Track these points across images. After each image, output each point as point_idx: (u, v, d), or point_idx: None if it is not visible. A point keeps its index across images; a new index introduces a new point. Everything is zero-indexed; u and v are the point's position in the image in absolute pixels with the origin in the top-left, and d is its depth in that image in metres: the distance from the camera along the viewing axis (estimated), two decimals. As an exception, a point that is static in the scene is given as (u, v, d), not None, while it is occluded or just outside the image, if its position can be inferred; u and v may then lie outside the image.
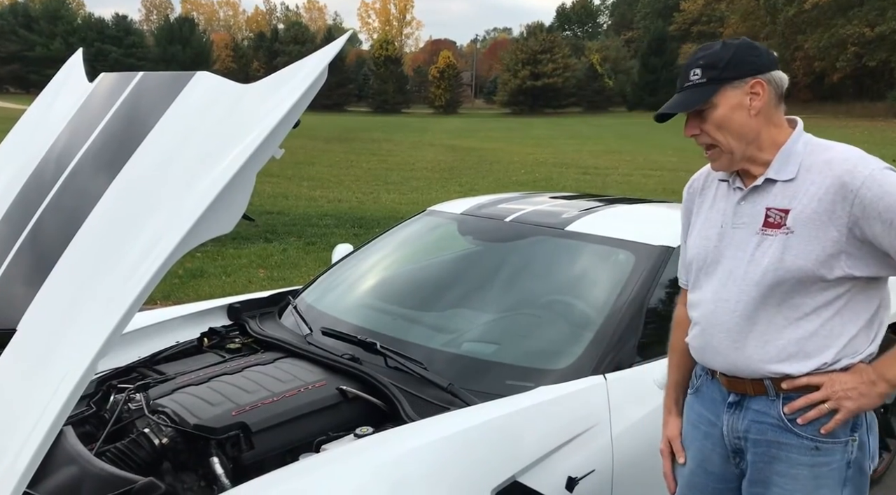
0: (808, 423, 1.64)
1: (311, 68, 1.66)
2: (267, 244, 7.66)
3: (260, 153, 1.60)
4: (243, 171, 1.57)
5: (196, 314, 2.87)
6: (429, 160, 18.80)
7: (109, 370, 2.45)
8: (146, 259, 1.51)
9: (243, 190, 1.60)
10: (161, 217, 1.58)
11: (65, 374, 1.47)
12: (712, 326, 1.72)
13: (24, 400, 1.51)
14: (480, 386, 2.24)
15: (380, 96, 64.48)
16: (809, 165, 1.63)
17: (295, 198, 11.19)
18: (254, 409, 2.07)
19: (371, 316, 2.74)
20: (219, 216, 1.57)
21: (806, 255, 1.59)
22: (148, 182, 1.68)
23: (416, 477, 1.84)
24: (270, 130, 1.60)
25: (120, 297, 1.48)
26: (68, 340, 1.52)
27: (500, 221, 2.98)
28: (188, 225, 1.51)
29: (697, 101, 1.64)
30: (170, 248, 1.50)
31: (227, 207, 1.58)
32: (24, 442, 1.46)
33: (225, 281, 6.21)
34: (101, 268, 1.60)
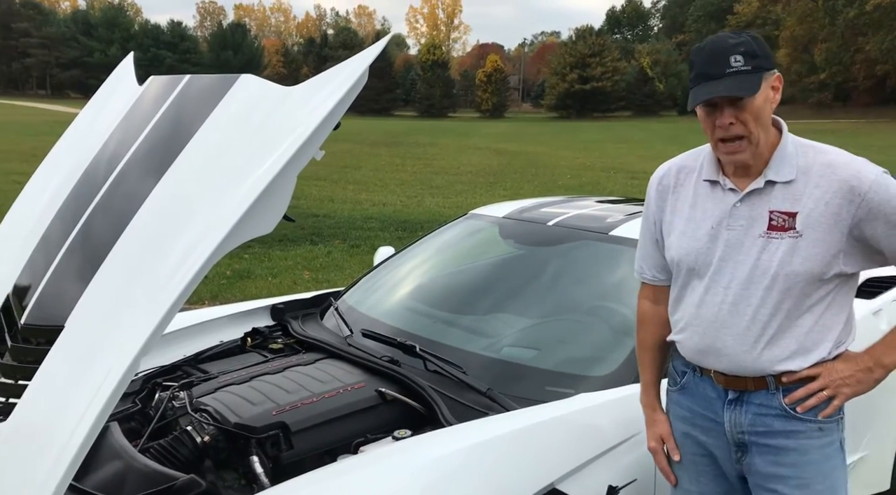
0: (807, 411, 1.69)
1: (352, 71, 1.66)
2: (312, 246, 7.75)
3: (300, 155, 1.61)
4: (284, 173, 1.59)
5: (240, 314, 2.91)
6: (474, 164, 18.80)
7: (155, 368, 2.49)
8: (188, 259, 1.54)
9: (284, 191, 1.61)
10: (203, 218, 1.60)
11: (108, 371, 1.50)
12: (717, 329, 1.72)
13: (71, 395, 1.54)
14: (520, 391, 2.22)
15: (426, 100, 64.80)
16: (806, 167, 1.64)
17: (341, 201, 11.31)
18: (294, 409, 2.08)
19: (411, 318, 2.74)
20: (260, 217, 1.59)
21: (814, 257, 1.62)
22: (192, 183, 1.71)
23: (454, 481, 1.82)
24: (311, 132, 1.61)
25: (161, 297, 1.51)
26: (112, 338, 1.55)
27: (542, 225, 2.95)
28: (229, 226, 1.53)
29: (752, 88, 1.59)
30: (210, 249, 1.52)
31: (267, 208, 1.59)
32: (70, 436, 1.49)
33: (271, 282, 6.30)
34: (144, 268, 1.63)
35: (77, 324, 1.63)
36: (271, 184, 1.57)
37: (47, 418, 1.57)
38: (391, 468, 1.84)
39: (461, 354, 2.38)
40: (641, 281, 1.96)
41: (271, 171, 1.57)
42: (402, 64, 75.42)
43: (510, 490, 1.85)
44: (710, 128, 1.66)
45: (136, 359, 1.49)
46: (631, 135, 33.23)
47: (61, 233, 1.87)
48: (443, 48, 73.73)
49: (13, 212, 2.13)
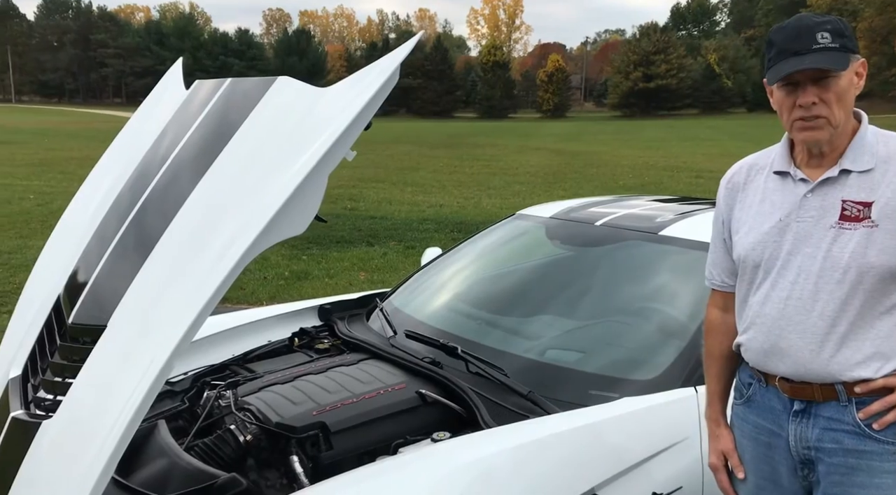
0: (885, 428, 1.54)
1: (381, 71, 1.66)
2: (369, 248, 7.82)
3: (331, 155, 1.61)
4: (314, 174, 1.59)
5: (288, 314, 2.95)
6: (533, 165, 18.67)
7: (204, 367, 2.54)
8: (220, 261, 1.56)
9: (315, 192, 1.62)
10: (237, 220, 1.62)
11: (145, 370, 1.53)
12: (782, 327, 1.60)
13: (111, 393, 1.58)
14: (562, 394, 2.18)
15: (487, 101, 64.75)
16: (887, 156, 1.54)
17: (398, 203, 11.38)
18: (334, 410, 2.10)
19: (455, 320, 2.73)
20: (291, 218, 1.60)
21: (892, 250, 1.50)
22: (228, 185, 1.73)
23: (491, 484, 1.80)
24: (340, 133, 1.61)
25: (194, 299, 1.54)
26: (149, 338, 1.59)
27: (589, 225, 2.89)
28: (260, 227, 1.55)
29: (841, 63, 1.51)
30: (241, 250, 1.54)
31: (298, 209, 1.60)
32: (109, 432, 1.53)
33: (327, 282, 6.38)
34: (181, 270, 1.66)
35: (118, 324, 1.67)
36: (302, 185, 1.58)
37: (89, 415, 1.62)
38: (428, 470, 1.83)
39: (504, 356, 2.36)
40: (711, 287, 1.86)
41: (301, 172, 1.58)
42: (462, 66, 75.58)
43: (549, 494, 1.82)
44: (789, 108, 1.57)
45: (170, 358, 1.52)
46: (696, 133, 32.45)
47: (109, 234, 1.93)
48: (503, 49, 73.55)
49: (67, 213, 2.21)
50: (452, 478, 1.80)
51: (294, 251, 7.53)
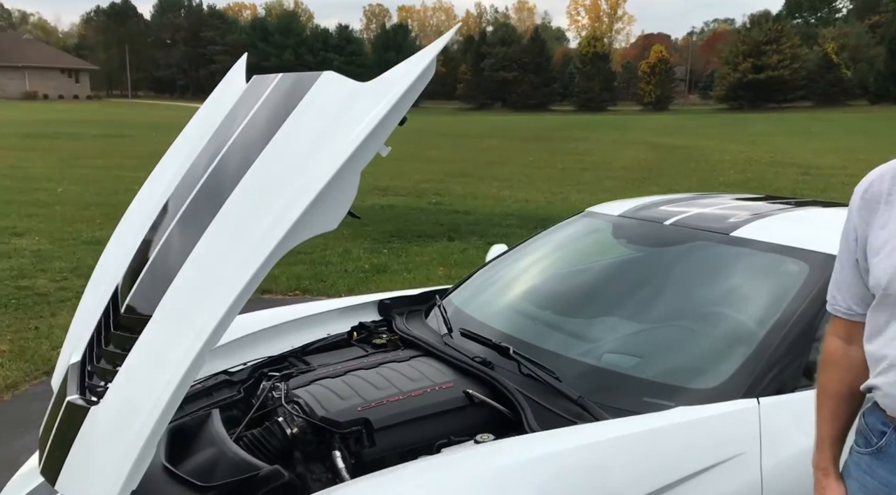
0: None
1: (416, 65, 1.63)
2: (449, 243, 7.83)
3: (363, 151, 1.60)
4: (346, 169, 1.58)
5: (349, 308, 2.97)
6: (627, 159, 18.20)
7: (264, 358, 2.59)
8: (252, 258, 1.57)
9: (348, 187, 1.61)
10: (271, 215, 1.63)
11: (180, 361, 1.57)
12: None
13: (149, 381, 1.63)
14: (614, 401, 2.09)
15: (585, 94, 63.60)
16: None
17: (483, 197, 11.34)
18: (379, 406, 2.09)
19: (512, 319, 2.67)
20: (322, 213, 1.60)
21: None
22: (267, 181, 1.75)
23: (533, 489, 1.75)
24: (373, 128, 1.59)
25: (223, 298, 1.56)
26: (184, 332, 1.62)
27: (658, 225, 2.77)
28: (291, 222, 1.55)
29: None
30: (271, 247, 1.55)
31: (330, 205, 1.60)
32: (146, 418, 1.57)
33: (406, 277, 6.43)
34: (217, 267, 1.68)
35: (162, 314, 1.72)
36: (333, 180, 1.57)
37: (128, 405, 1.67)
38: (467, 471, 1.79)
39: (557, 359, 2.29)
40: (833, 314, 1.61)
41: (333, 167, 1.57)
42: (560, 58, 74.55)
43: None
44: None
45: (197, 357, 1.55)
46: (808, 127, 30.78)
47: (164, 226, 1.99)
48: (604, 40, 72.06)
49: (133, 203, 2.29)
50: (491, 482, 1.76)
51: (375, 244, 7.63)
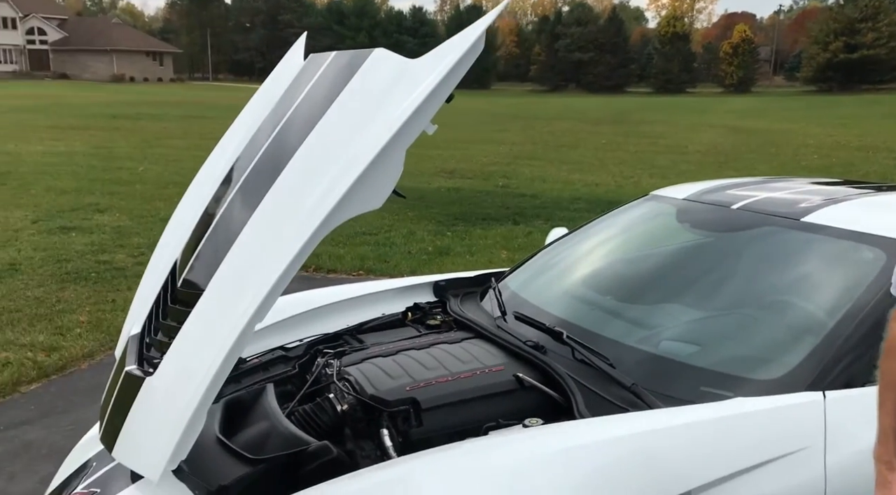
0: None
1: (464, 40, 1.59)
2: (514, 226, 7.76)
3: (408, 129, 1.57)
4: (391, 146, 1.56)
5: (405, 288, 2.97)
6: (704, 143, 17.64)
7: (319, 335, 2.62)
8: (297, 234, 1.58)
9: (392, 165, 1.59)
10: (317, 193, 1.63)
11: (227, 335, 1.59)
12: None
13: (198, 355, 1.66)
14: (670, 389, 2.02)
15: (663, 75, 61.93)
16: None
17: (552, 181, 11.18)
18: (427, 386, 2.08)
19: (567, 303, 2.62)
20: (367, 192, 1.58)
21: None
22: (317, 158, 1.74)
23: (580, 475, 1.71)
24: (418, 106, 1.56)
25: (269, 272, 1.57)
26: (233, 305, 1.65)
27: (724, 209, 2.66)
28: (335, 200, 1.55)
29: None
30: (315, 224, 1.55)
31: (374, 183, 1.58)
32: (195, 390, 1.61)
33: (468, 259, 6.41)
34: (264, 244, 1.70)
35: (213, 289, 1.75)
36: (377, 158, 1.55)
37: (180, 374, 1.71)
38: (512, 455, 1.76)
39: (612, 345, 2.23)
40: None
41: (377, 145, 1.56)
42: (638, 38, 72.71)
43: (640, 492, 1.71)
44: None
45: (247, 326, 1.58)
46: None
47: (221, 202, 2.02)
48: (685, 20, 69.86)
49: (194, 182, 2.33)
50: (537, 467, 1.72)
51: (439, 227, 7.64)
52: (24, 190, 9.64)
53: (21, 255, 6.44)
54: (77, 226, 7.67)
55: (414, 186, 10.20)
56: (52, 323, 4.85)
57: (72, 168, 11.63)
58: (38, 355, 4.31)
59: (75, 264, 6.25)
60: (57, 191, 9.56)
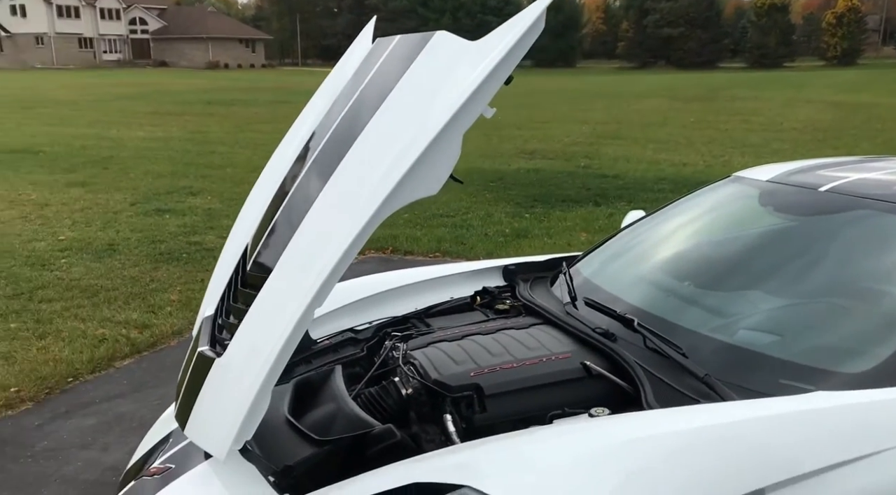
0: None
1: (522, 20, 1.54)
2: (595, 208, 7.60)
3: (465, 113, 1.54)
4: (447, 131, 1.53)
5: (474, 272, 2.95)
6: (801, 119, 16.76)
7: (388, 318, 2.64)
8: (354, 222, 1.58)
9: (449, 150, 1.56)
10: (375, 179, 1.63)
11: (291, 318, 1.62)
12: None
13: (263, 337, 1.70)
14: (746, 381, 1.93)
15: (758, 50, 59.16)
16: None
17: (636, 161, 10.87)
18: (491, 373, 2.06)
19: (640, 290, 2.53)
20: (422, 178, 1.57)
21: None
22: (376, 144, 1.74)
23: (645, 469, 1.66)
24: (475, 89, 1.53)
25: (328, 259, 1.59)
26: (296, 289, 1.67)
27: (811, 191, 2.51)
28: (390, 187, 1.54)
29: None
30: (371, 212, 1.55)
31: (431, 169, 1.56)
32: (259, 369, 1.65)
33: (546, 242, 6.33)
34: (326, 225, 1.71)
35: (276, 275, 1.78)
36: (433, 143, 1.53)
37: (243, 356, 1.76)
38: (577, 445, 1.73)
39: (686, 334, 2.14)
40: None
41: (433, 130, 1.54)
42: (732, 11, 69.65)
43: (709, 487, 1.64)
44: None
45: (307, 310, 1.60)
46: None
47: (289, 186, 2.06)
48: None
49: (267, 167, 2.38)
50: (601, 457, 1.68)
51: (518, 209, 7.57)
52: (125, 174, 10.15)
53: (119, 236, 6.79)
54: (171, 208, 8.02)
55: (493, 168, 10.15)
56: (146, 301, 5.10)
57: (168, 152, 12.15)
58: (132, 332, 4.54)
59: (168, 245, 6.54)
60: (154, 175, 10.02)
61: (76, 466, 3.10)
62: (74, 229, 7.01)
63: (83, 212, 7.70)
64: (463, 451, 1.78)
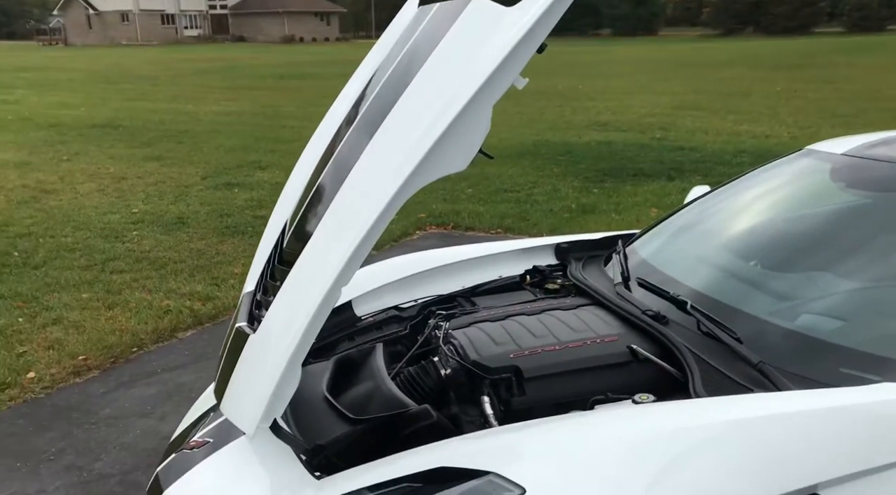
0: None
1: None
2: (668, 182, 7.32)
3: (494, 83, 1.45)
4: (475, 103, 1.45)
5: (525, 250, 2.86)
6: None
7: (434, 296, 2.60)
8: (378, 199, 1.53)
9: (478, 123, 1.47)
10: (401, 154, 1.56)
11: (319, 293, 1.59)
12: None
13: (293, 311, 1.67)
14: (804, 370, 1.80)
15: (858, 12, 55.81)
16: None
17: (715, 133, 10.43)
18: (532, 355, 1.99)
19: (697, 271, 2.39)
20: (449, 153, 1.49)
21: None
22: (408, 115, 1.67)
23: (692, 459, 1.57)
24: (504, 57, 1.43)
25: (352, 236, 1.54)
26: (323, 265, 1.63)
27: (890, 165, 2.31)
28: (414, 163, 1.47)
29: None
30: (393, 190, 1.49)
31: (458, 144, 1.48)
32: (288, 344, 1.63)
33: (613, 218, 6.14)
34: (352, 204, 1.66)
35: (306, 253, 1.75)
36: (461, 115, 1.45)
37: (272, 333, 1.75)
38: (618, 433, 1.65)
39: (743, 318, 2.01)
40: None
41: (461, 102, 1.46)
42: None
43: (758, 481, 1.54)
44: None
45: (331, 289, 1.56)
46: None
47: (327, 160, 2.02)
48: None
49: (310, 141, 2.35)
50: (643, 447, 1.60)
51: (586, 183, 7.37)
52: (198, 148, 10.42)
53: (189, 210, 6.97)
54: (240, 182, 8.18)
55: (562, 140, 9.92)
56: (210, 274, 5.22)
57: (239, 127, 12.40)
58: (195, 304, 4.66)
59: (235, 219, 6.67)
60: (225, 149, 10.25)
61: (135, 434, 3.20)
62: (147, 202, 7.24)
63: (156, 186, 7.95)
64: (495, 436, 1.73)
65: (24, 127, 11.90)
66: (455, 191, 7.31)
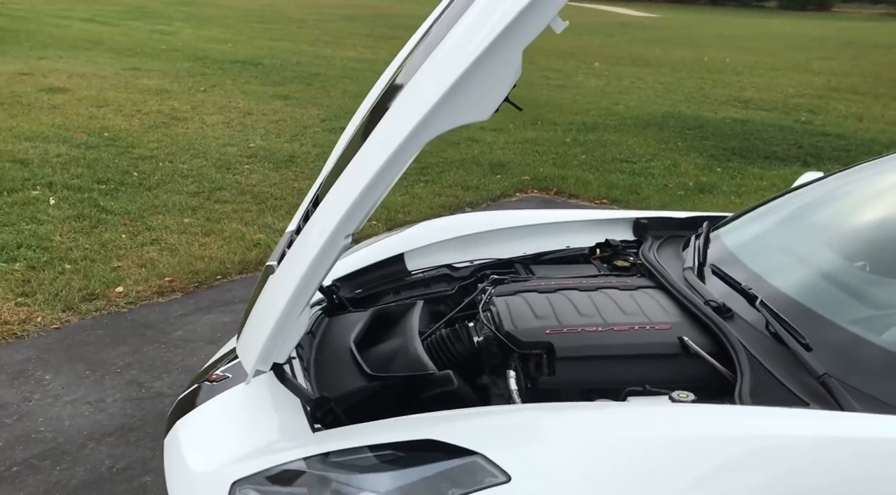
0: None
1: None
2: (802, 168, 6.66)
3: (522, 23, 1.29)
4: (501, 44, 1.29)
5: (600, 221, 2.68)
6: None
7: (491, 259, 2.47)
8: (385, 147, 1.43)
9: (503, 68, 1.32)
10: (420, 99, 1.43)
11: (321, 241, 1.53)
12: None
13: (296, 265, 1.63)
14: (878, 390, 1.54)
15: None
16: None
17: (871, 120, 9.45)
18: (570, 333, 1.84)
19: (780, 265, 2.13)
20: (469, 99, 1.34)
21: None
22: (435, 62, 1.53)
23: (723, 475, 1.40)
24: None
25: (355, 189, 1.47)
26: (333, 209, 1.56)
27: None
28: (428, 106, 1.34)
29: None
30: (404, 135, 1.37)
31: (481, 89, 1.33)
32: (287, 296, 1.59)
33: (732, 200, 5.70)
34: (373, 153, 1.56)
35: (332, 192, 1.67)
36: (483, 56, 1.30)
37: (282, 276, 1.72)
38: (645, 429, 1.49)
39: (819, 323, 1.76)
40: None
41: (482, 41, 1.30)
42: None
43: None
44: None
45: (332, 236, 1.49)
46: None
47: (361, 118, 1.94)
48: None
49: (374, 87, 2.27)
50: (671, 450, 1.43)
51: (710, 161, 6.88)
52: (325, 91, 10.61)
53: (301, 150, 7.11)
54: (357, 127, 8.25)
55: (695, 114, 9.31)
56: (306, 213, 5.29)
57: (370, 74, 12.49)
58: (285, 240, 4.73)
59: (343, 162, 6.74)
60: (351, 95, 10.37)
61: (199, 358, 3.30)
62: (265, 138, 7.44)
63: (277, 124, 8.15)
64: (521, 413, 1.64)
65: (174, 57, 12.52)
66: (567, 156, 7.04)
